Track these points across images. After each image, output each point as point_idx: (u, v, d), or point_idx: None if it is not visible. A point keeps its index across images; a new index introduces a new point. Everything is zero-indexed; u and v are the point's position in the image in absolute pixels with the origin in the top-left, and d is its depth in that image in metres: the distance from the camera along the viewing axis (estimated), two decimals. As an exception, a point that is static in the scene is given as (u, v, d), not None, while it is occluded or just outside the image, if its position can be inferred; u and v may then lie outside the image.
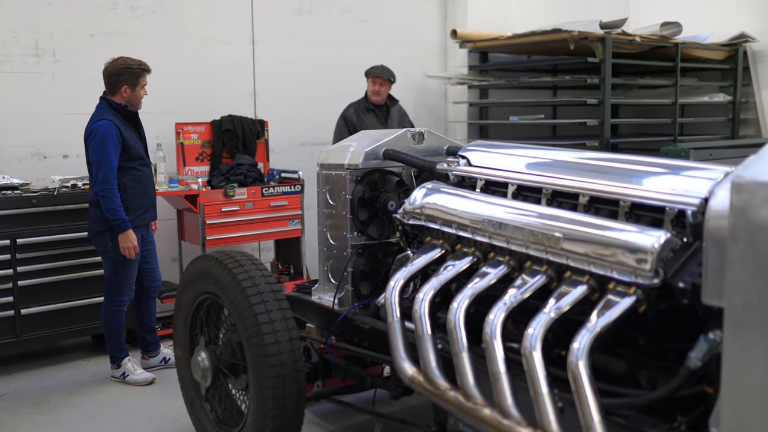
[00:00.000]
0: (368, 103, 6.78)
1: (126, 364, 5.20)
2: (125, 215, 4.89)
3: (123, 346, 5.23)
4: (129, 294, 5.15)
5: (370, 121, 6.68)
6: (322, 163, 4.11)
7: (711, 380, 2.15)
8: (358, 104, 6.80)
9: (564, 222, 2.61)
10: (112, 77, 5.02)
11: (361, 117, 6.69)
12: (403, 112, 7.04)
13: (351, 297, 3.95)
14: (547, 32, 7.00)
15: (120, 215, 4.86)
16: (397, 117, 6.90)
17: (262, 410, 3.37)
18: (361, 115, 6.70)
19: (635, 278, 2.29)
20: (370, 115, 6.73)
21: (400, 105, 7.05)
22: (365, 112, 6.74)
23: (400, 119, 6.93)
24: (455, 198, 3.18)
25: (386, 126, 6.66)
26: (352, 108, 6.75)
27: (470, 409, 2.62)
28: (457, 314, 2.75)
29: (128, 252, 4.93)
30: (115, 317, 5.14)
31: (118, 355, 5.22)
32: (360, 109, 6.75)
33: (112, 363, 5.24)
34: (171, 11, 6.57)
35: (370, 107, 6.76)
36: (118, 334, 5.19)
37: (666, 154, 6.30)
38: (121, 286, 5.10)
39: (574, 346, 2.29)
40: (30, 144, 6.00)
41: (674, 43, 7.46)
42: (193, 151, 6.53)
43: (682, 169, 2.54)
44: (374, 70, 6.75)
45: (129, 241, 4.91)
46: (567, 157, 3.08)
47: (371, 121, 6.67)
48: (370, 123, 6.61)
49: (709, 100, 8.10)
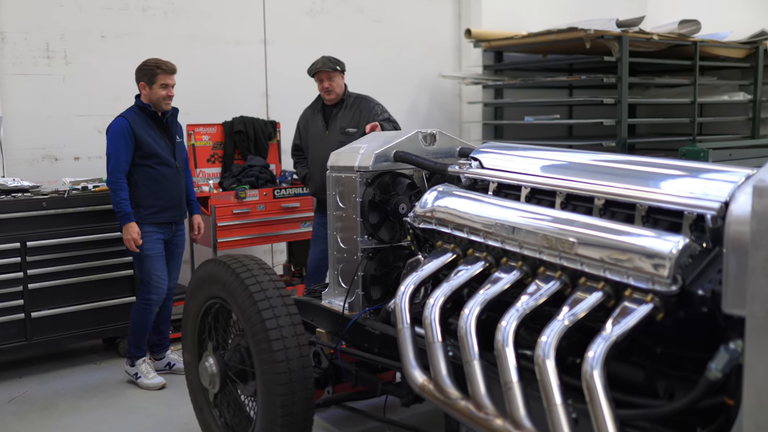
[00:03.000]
0: (319, 104, 5.82)
1: (140, 365, 5.17)
2: (129, 209, 4.96)
3: (143, 347, 5.21)
4: (157, 294, 5.12)
5: (313, 125, 5.78)
6: (331, 166, 4.06)
7: (731, 392, 2.08)
8: (310, 107, 5.95)
9: (579, 226, 2.54)
10: (135, 74, 5.12)
11: (308, 121, 5.84)
12: (369, 109, 5.69)
13: (361, 301, 3.88)
14: (562, 31, 6.93)
15: (123, 208, 4.94)
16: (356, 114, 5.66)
17: (270, 417, 3.32)
18: (308, 119, 5.85)
19: (652, 285, 2.21)
20: (316, 118, 5.80)
21: (370, 101, 5.76)
22: (313, 114, 5.84)
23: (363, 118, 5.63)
24: (467, 201, 3.11)
25: (329, 131, 5.68)
26: (305, 112, 5.95)
27: (481, 419, 2.54)
28: (468, 321, 2.68)
29: (128, 244, 4.97)
30: (140, 316, 5.14)
31: (135, 353, 5.19)
32: (311, 112, 5.89)
33: (128, 360, 5.23)
34: (182, 12, 6.54)
35: (317, 108, 5.81)
36: (141, 334, 5.17)
37: (684, 155, 6.22)
38: (145, 283, 5.12)
39: (589, 354, 2.22)
40: (41, 146, 5.98)
41: (693, 41, 7.37)
42: (204, 153, 6.50)
43: (701, 172, 2.45)
44: (314, 66, 5.70)
45: (129, 234, 4.95)
46: (582, 159, 3.00)
47: (314, 125, 5.77)
48: (312, 128, 5.78)
49: (728, 99, 8.01)
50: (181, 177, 5.23)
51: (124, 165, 4.96)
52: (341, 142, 5.43)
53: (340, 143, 5.42)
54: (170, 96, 5.08)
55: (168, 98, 5.07)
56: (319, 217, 5.80)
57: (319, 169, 5.54)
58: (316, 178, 5.66)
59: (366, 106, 5.71)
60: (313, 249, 5.86)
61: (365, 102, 5.75)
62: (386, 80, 7.61)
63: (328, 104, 5.75)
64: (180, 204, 5.23)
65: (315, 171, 5.69)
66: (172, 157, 5.14)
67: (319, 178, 5.53)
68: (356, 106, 5.71)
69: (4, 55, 5.79)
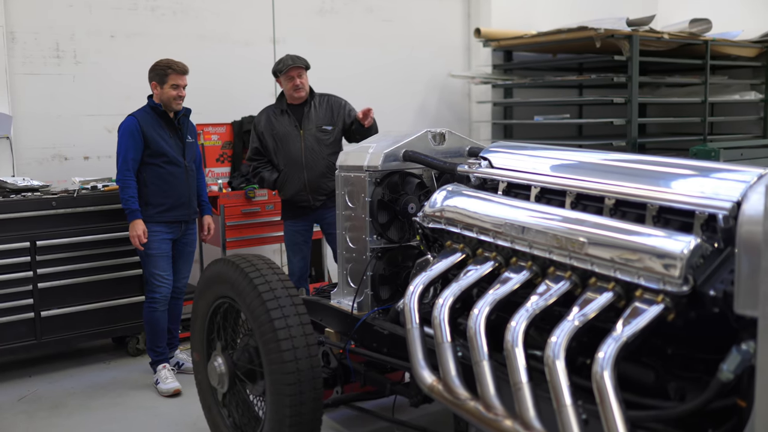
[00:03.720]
0: (283, 104, 5.57)
1: (160, 371, 5.14)
2: (136, 206, 4.98)
3: (159, 350, 5.19)
4: (159, 292, 5.11)
5: (281, 127, 5.51)
6: (340, 165, 4.05)
7: (743, 393, 2.06)
8: (270, 109, 5.65)
9: (589, 226, 2.52)
10: (147, 74, 5.13)
11: (273, 123, 5.53)
12: (340, 104, 5.62)
13: (370, 301, 3.87)
14: (572, 30, 6.90)
15: (130, 205, 4.97)
16: (329, 112, 5.57)
17: (278, 417, 3.31)
18: (272, 121, 5.54)
19: (663, 285, 2.19)
20: (281, 120, 5.53)
21: (337, 98, 5.67)
22: (279, 115, 5.55)
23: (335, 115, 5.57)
24: (476, 201, 3.09)
25: (303, 130, 5.47)
26: (263, 115, 5.63)
27: (491, 420, 2.53)
28: (477, 322, 2.66)
29: (134, 241, 4.98)
30: (149, 316, 5.15)
31: (153, 357, 5.19)
32: (272, 113, 5.58)
33: (150, 365, 5.24)
34: (191, 12, 6.54)
35: (284, 109, 5.54)
36: (153, 335, 5.17)
37: (695, 154, 6.19)
38: (148, 282, 5.14)
39: (599, 355, 2.20)
40: (51, 146, 5.99)
41: (703, 40, 7.33)
42: (213, 152, 6.50)
43: (712, 171, 2.42)
44: (284, 63, 5.48)
45: (135, 230, 4.97)
46: (592, 158, 2.97)
47: (283, 126, 5.50)
48: (279, 130, 5.51)
49: (739, 99, 7.97)
50: (191, 176, 5.22)
51: (132, 163, 4.97)
52: (318, 140, 5.43)
53: (317, 141, 5.44)
54: (181, 96, 5.08)
55: (179, 98, 5.07)
56: (293, 224, 5.63)
57: (296, 170, 5.43)
58: (293, 180, 5.46)
59: (336, 103, 5.61)
60: (293, 258, 5.69)
61: (333, 99, 5.64)
62: (396, 80, 7.62)
63: (295, 103, 5.52)
64: (189, 203, 5.22)
65: (291, 173, 5.45)
66: (182, 156, 5.14)
67: (297, 180, 5.44)
68: (325, 103, 5.59)
69: (15, 54, 5.80)
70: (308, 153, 5.44)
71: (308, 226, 5.68)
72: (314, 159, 5.44)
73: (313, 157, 5.44)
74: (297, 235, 5.64)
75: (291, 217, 5.64)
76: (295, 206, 5.56)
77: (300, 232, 5.63)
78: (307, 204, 5.50)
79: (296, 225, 5.62)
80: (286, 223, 5.71)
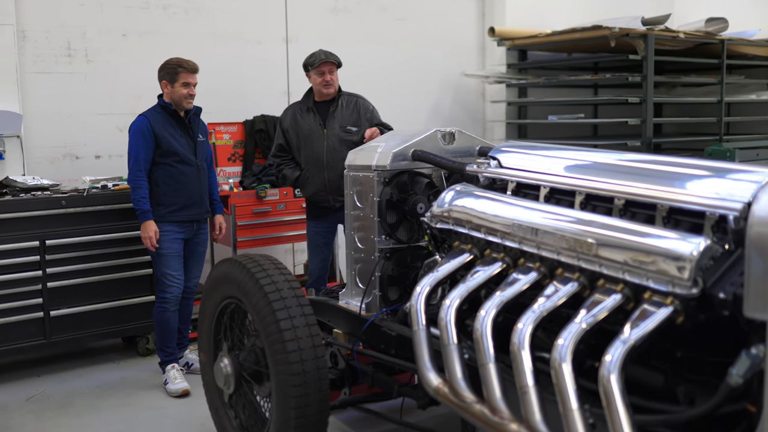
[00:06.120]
0: (309, 101, 5.50)
1: (169, 372, 5.12)
2: (147, 206, 4.95)
3: (169, 350, 5.17)
4: (170, 292, 5.10)
5: (305, 124, 5.44)
6: (349, 164, 4.01)
7: (753, 398, 2.01)
8: (296, 106, 5.59)
9: (598, 227, 2.47)
10: (157, 73, 5.11)
11: (298, 120, 5.46)
12: (367, 108, 5.53)
13: (378, 302, 3.83)
14: (587, 29, 6.85)
15: (141, 205, 4.95)
16: (355, 113, 5.46)
17: (284, 419, 3.28)
18: (298, 118, 5.47)
19: (672, 287, 2.14)
20: (307, 117, 5.46)
21: (365, 100, 5.57)
22: (304, 113, 5.47)
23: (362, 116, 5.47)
24: (484, 201, 3.05)
25: (327, 129, 5.39)
26: (289, 111, 5.58)
27: (496, 423, 2.49)
28: (484, 323, 2.62)
29: (146, 242, 4.96)
30: (159, 316, 5.13)
31: (162, 357, 5.17)
32: (299, 110, 5.51)
33: (159, 365, 5.23)
34: (203, 10, 6.53)
35: (310, 106, 5.47)
36: (163, 335, 5.15)
37: (710, 155, 6.12)
38: (159, 282, 5.12)
39: (607, 358, 2.16)
40: (62, 144, 6.00)
41: (720, 40, 7.26)
42: (225, 152, 6.49)
43: (723, 172, 2.36)
44: (317, 57, 5.39)
45: (146, 232, 4.95)
46: (602, 158, 2.92)
47: (307, 124, 5.43)
48: (304, 127, 5.43)
49: (756, 99, 7.89)
50: (203, 175, 5.20)
51: (143, 163, 4.95)
52: (342, 140, 5.35)
53: (340, 142, 5.36)
54: (192, 95, 5.06)
55: (189, 97, 5.05)
56: (315, 225, 5.60)
57: (317, 170, 5.39)
58: (314, 179, 5.43)
59: (364, 105, 5.51)
60: (313, 259, 5.68)
61: (361, 100, 5.54)
62: (409, 79, 7.58)
63: (322, 101, 5.45)
64: (201, 202, 5.20)
65: (312, 172, 5.42)
66: (193, 155, 5.12)
67: (317, 179, 5.40)
68: (353, 104, 5.49)
69: (26, 53, 5.81)
70: (330, 152, 5.35)
71: (330, 228, 5.64)
72: (336, 159, 5.23)
73: (335, 158, 5.27)
74: (318, 237, 5.61)
75: (313, 218, 5.62)
76: (317, 207, 5.53)
77: (321, 234, 5.59)
78: (327, 204, 5.44)
79: (318, 226, 5.59)
80: (309, 223, 5.69)
